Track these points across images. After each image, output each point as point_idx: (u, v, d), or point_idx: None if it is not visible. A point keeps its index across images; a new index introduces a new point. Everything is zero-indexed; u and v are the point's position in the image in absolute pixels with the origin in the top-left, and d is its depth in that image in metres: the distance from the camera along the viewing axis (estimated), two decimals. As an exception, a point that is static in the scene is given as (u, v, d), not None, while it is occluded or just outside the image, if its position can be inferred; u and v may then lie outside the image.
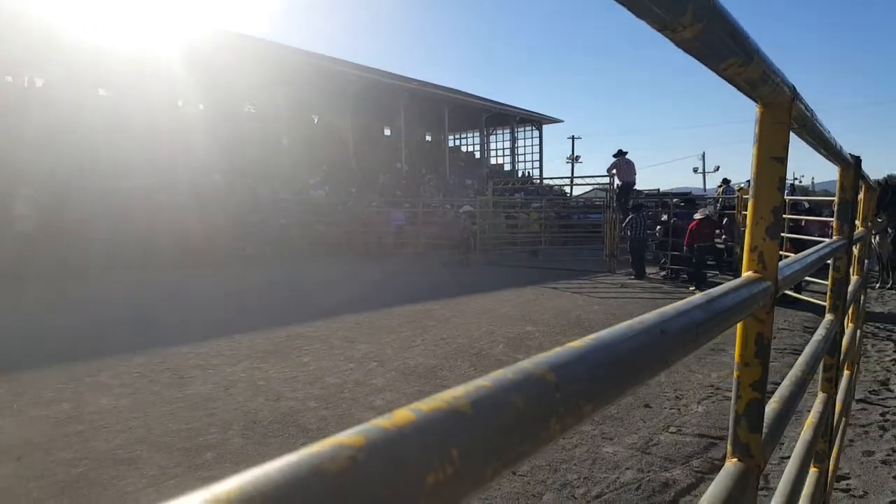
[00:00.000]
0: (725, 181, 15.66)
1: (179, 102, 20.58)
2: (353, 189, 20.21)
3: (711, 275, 9.90)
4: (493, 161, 35.27)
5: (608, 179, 14.11)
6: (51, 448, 3.11)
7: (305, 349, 5.30)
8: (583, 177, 19.49)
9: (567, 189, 27.79)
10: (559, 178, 36.29)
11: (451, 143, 34.41)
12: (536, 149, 34.47)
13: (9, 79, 17.76)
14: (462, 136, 36.46)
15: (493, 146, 35.80)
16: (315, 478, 0.19)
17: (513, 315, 6.96)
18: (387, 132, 30.92)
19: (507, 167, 34.61)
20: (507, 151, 35.39)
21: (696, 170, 42.18)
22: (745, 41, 0.62)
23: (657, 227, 11.47)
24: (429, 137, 32.63)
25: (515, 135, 34.86)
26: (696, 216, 9.73)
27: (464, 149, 36.33)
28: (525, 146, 35.07)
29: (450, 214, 16.21)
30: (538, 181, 30.72)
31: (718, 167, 42.19)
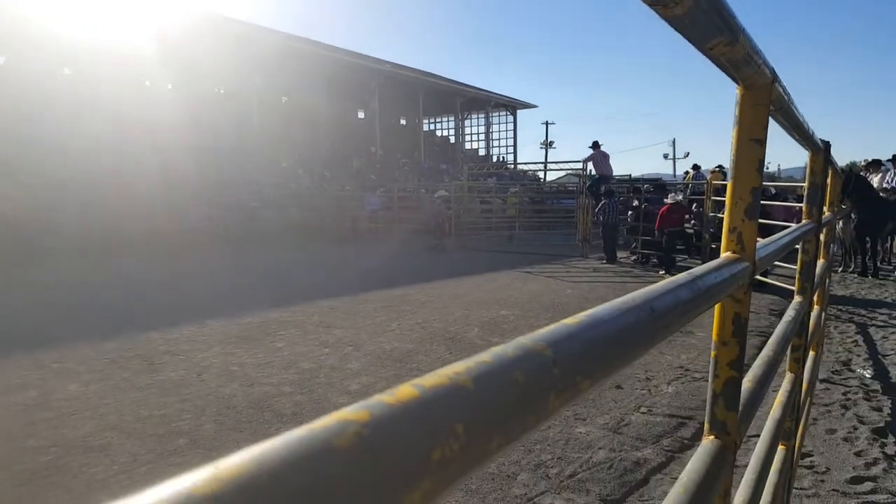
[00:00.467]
0: (695, 167, 15.83)
1: (147, 83, 20.03)
2: (327, 173, 20.00)
3: (680, 259, 10.08)
4: (468, 146, 35.29)
5: (581, 166, 14.20)
6: (18, 436, 3.04)
7: (280, 334, 5.25)
8: (556, 162, 19.62)
9: (541, 174, 27.99)
10: (533, 164, 36.51)
11: (426, 128, 34.27)
12: (511, 134, 34.59)
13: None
14: (437, 121, 36.34)
15: (468, 131, 35.81)
16: (325, 453, 0.18)
17: (487, 299, 6.99)
18: (360, 115, 30.59)
19: (482, 152, 34.66)
20: (482, 136, 35.42)
21: (667, 156, 42.86)
22: (732, 20, 0.62)
23: (629, 213, 11.62)
24: (403, 121, 32.41)
25: (490, 120, 34.89)
26: (667, 201, 9.87)
27: (439, 133, 36.22)
28: (500, 131, 35.18)
29: (425, 199, 16.17)
30: (512, 166, 30.85)
31: (688, 153, 42.96)
